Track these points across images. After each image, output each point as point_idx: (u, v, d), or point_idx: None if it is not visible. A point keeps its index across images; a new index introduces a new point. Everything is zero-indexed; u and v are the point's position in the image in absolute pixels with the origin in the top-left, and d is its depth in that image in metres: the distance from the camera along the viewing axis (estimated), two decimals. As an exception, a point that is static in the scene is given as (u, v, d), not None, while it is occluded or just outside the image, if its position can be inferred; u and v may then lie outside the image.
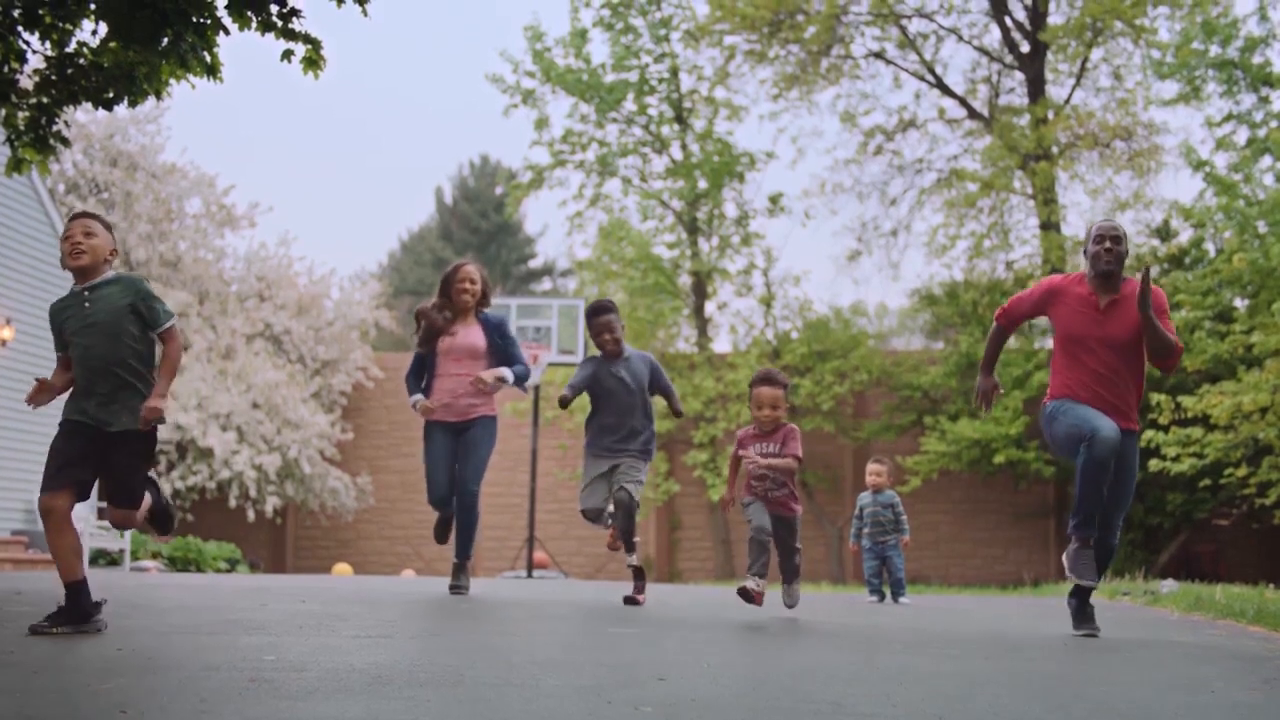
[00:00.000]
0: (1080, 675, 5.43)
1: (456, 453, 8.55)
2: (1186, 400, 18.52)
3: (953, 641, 6.77)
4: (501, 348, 8.64)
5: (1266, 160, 20.58)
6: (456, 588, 8.71)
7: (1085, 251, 7.02)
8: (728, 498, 7.54)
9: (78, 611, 5.51)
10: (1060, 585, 17.83)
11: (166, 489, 22.73)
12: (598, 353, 8.42)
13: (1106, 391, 6.88)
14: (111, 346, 5.65)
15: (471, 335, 8.61)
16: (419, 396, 8.56)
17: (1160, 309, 6.85)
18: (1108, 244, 6.91)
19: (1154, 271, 24.51)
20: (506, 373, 8.55)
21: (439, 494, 8.60)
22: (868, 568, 11.29)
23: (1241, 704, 4.70)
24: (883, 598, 11.18)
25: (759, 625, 7.11)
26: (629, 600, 8.34)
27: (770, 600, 7.61)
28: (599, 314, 8.26)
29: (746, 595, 7.03)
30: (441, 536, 8.92)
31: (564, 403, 7.92)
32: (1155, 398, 18.90)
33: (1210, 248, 23.19)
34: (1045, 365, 23.01)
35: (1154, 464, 19.06)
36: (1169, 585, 12.46)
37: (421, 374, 8.64)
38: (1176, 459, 18.87)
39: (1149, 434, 18.88)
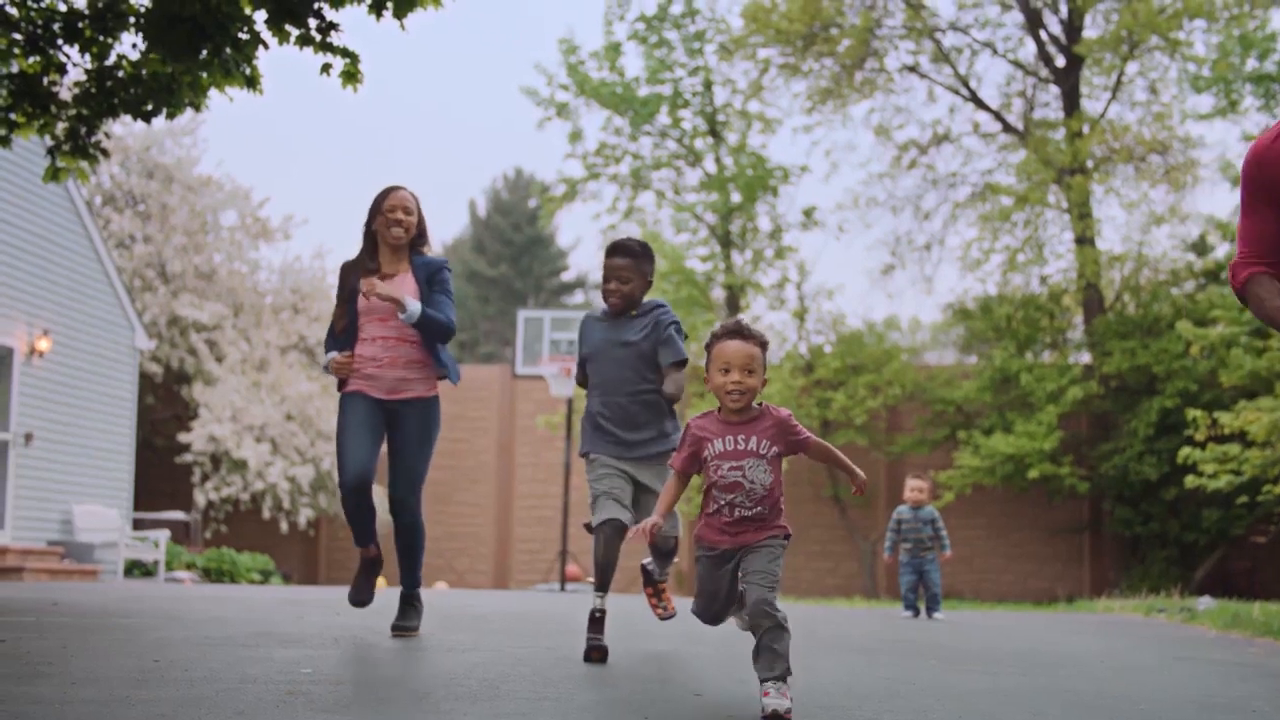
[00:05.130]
0: (1116, 693, 5.40)
1: (384, 437, 6.64)
2: (1223, 416, 18.38)
3: (988, 658, 6.74)
4: (429, 297, 6.50)
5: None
6: (403, 628, 6.61)
7: None
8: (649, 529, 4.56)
9: None
10: (1094, 601, 17.71)
11: (201, 500, 22.86)
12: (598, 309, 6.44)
13: None
14: None
15: (398, 284, 6.47)
16: (333, 354, 6.52)
17: None
18: None
19: (1189, 286, 24.37)
20: (410, 302, 6.37)
21: (355, 471, 6.49)
22: (904, 583, 11.23)
23: (1282, 724, 4.66)
24: (917, 613, 11.12)
25: (794, 642, 7.08)
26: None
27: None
28: (609, 255, 6.17)
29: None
30: (363, 594, 6.90)
31: (581, 382, 6.39)
32: (1191, 413, 18.78)
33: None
34: (1080, 380, 22.88)
35: (1190, 480, 18.93)
36: (1205, 602, 12.35)
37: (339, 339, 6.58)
38: (1213, 476, 18.72)
39: (1185, 450, 18.75)
